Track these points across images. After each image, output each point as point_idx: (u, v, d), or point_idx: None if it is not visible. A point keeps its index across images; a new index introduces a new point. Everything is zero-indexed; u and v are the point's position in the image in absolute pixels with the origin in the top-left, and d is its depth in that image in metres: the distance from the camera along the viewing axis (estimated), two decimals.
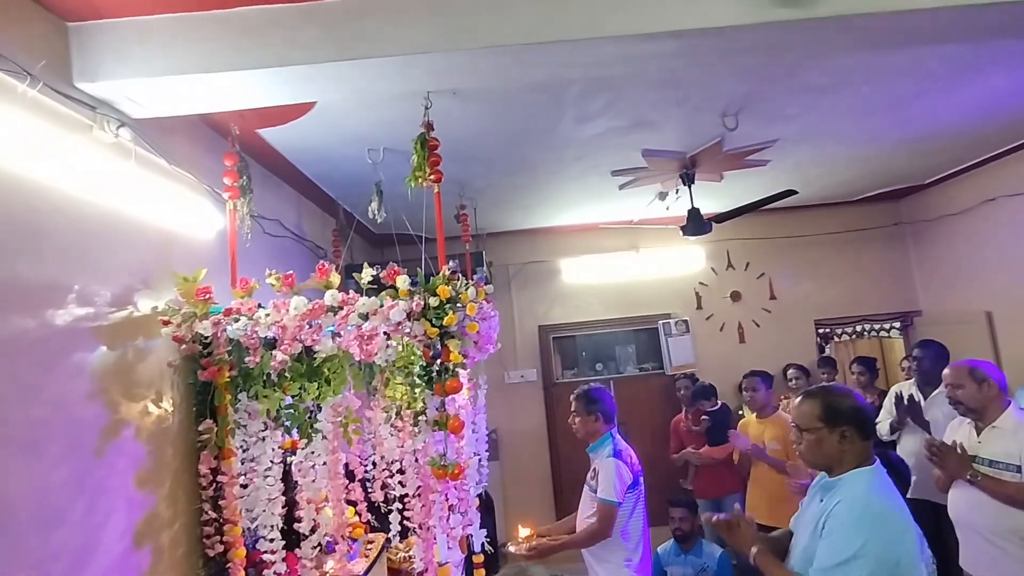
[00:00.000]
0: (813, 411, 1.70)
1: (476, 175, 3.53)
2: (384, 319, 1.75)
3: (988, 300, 4.53)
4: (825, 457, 1.69)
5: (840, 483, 1.64)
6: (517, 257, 5.45)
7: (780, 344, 5.26)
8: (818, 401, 1.71)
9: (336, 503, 2.00)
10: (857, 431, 1.65)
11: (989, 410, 2.46)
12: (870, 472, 1.64)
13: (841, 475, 1.66)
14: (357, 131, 2.67)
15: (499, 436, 5.16)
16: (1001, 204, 4.29)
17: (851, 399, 1.71)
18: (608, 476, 2.55)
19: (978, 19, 1.76)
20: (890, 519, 1.54)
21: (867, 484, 1.61)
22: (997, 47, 2.48)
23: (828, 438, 1.66)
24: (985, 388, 2.47)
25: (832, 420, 1.66)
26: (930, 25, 1.77)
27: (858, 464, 1.65)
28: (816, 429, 1.68)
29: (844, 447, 1.65)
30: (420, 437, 1.83)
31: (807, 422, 1.71)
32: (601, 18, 1.52)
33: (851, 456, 1.65)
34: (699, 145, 3.32)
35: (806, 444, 1.71)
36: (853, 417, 1.66)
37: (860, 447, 1.66)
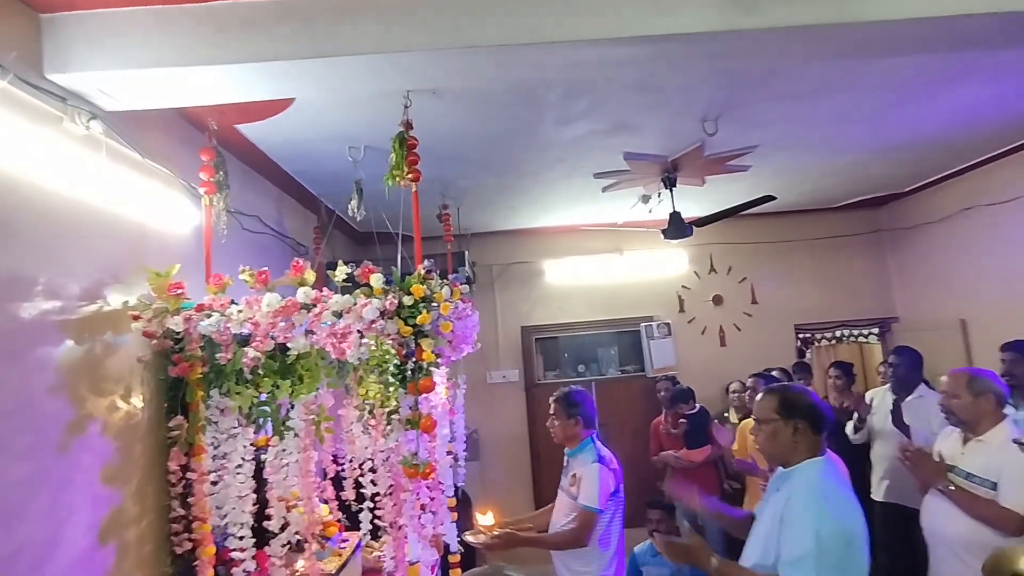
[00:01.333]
0: (770, 404, 1.85)
1: (459, 175, 3.53)
2: (357, 317, 1.75)
3: (963, 308, 4.60)
4: (780, 447, 1.83)
5: (795, 472, 1.79)
6: (501, 257, 5.46)
7: (761, 348, 5.31)
8: (775, 396, 1.87)
9: (307, 501, 1.99)
10: (809, 425, 1.79)
11: (981, 423, 2.36)
12: (820, 462, 1.78)
13: (795, 466, 1.79)
14: (338, 128, 2.66)
15: (479, 436, 5.16)
16: (978, 213, 4.37)
17: (806, 396, 1.86)
18: (592, 482, 2.49)
19: (952, 30, 1.79)
20: (839, 501, 1.69)
21: (818, 472, 1.75)
22: (973, 58, 2.52)
23: (783, 430, 1.81)
24: (983, 401, 2.36)
25: (787, 413, 1.81)
26: (904, 35, 1.80)
27: (810, 455, 1.79)
28: (772, 421, 1.83)
29: (797, 439, 1.79)
30: (392, 436, 1.83)
31: (765, 415, 1.85)
32: (576, 21, 1.53)
33: (803, 447, 1.79)
34: (680, 149, 3.35)
35: (763, 435, 1.86)
36: (806, 412, 1.80)
37: (811, 440, 1.79)
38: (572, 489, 2.59)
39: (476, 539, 2.52)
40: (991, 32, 1.83)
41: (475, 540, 2.52)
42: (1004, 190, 4.10)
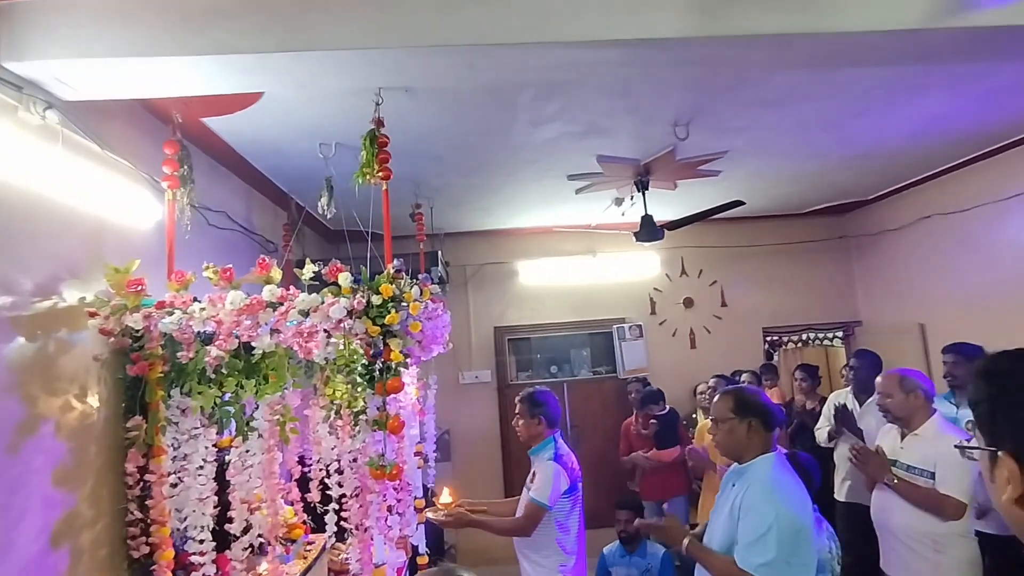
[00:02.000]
0: (727, 404, 1.97)
1: (432, 174, 3.51)
2: (325, 316, 1.73)
3: (922, 313, 4.76)
4: (736, 444, 1.94)
5: (749, 468, 1.90)
6: (474, 258, 5.45)
7: (730, 350, 5.40)
8: (731, 396, 1.99)
9: (271, 503, 1.95)
10: (762, 423, 1.91)
11: (914, 418, 2.56)
12: (772, 458, 1.90)
13: (750, 462, 1.91)
14: (308, 124, 2.62)
15: (451, 436, 5.14)
16: (936, 222, 4.52)
17: (759, 397, 1.99)
18: (545, 479, 2.55)
19: (911, 44, 1.84)
20: (792, 494, 1.81)
21: (771, 467, 1.87)
22: (931, 71, 2.61)
23: (738, 428, 1.93)
24: (912, 398, 2.56)
25: (742, 412, 1.93)
26: (866, 47, 1.85)
27: (762, 451, 1.91)
28: (728, 419, 1.94)
29: (751, 436, 1.91)
30: (359, 437, 1.81)
31: (722, 414, 1.97)
32: (548, 23, 1.53)
33: (757, 444, 1.91)
34: (653, 153, 3.39)
35: (721, 434, 1.97)
36: (759, 411, 1.93)
37: (764, 437, 1.92)
38: (530, 484, 2.66)
39: (435, 515, 2.64)
40: (947, 47, 1.89)
41: (433, 516, 2.64)
42: (960, 200, 4.25)
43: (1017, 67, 2.60)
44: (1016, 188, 3.80)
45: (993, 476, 0.73)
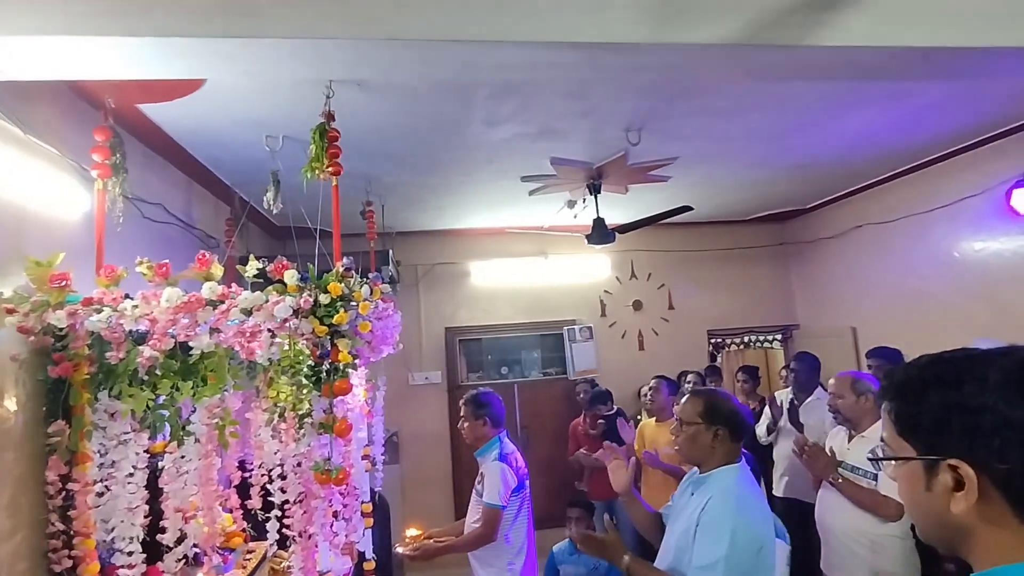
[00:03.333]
0: (695, 408, 1.85)
1: (384, 171, 3.45)
2: (269, 315, 1.66)
3: (853, 317, 5.01)
4: (698, 451, 1.83)
5: (710, 478, 1.79)
6: (426, 257, 5.39)
7: (676, 352, 5.54)
8: (702, 399, 1.87)
9: (208, 511, 1.86)
10: (730, 432, 1.80)
11: (863, 421, 2.61)
12: (736, 469, 1.79)
13: (711, 471, 1.80)
14: (254, 115, 2.52)
15: (400, 438, 5.05)
16: (867, 231, 4.77)
17: (731, 403, 1.87)
18: (493, 480, 2.55)
19: (850, 60, 1.93)
20: (754, 510, 1.71)
21: (734, 480, 1.76)
22: (867, 88, 2.75)
23: (704, 434, 1.81)
24: (863, 400, 2.61)
25: (710, 418, 1.81)
26: (809, 62, 1.93)
27: (726, 461, 1.80)
28: (695, 424, 1.83)
29: (716, 444, 1.80)
30: (304, 440, 1.74)
31: (688, 417, 1.85)
32: (505, 22, 1.52)
33: (721, 454, 1.80)
34: (605, 157, 3.43)
35: (684, 437, 1.85)
36: (729, 419, 1.81)
37: (730, 447, 1.81)
38: (479, 487, 2.66)
39: (403, 550, 2.64)
40: (883, 64, 2.00)
41: (402, 551, 2.63)
42: (890, 211, 4.50)
43: (944, 86, 2.77)
44: (939, 202, 4.06)
45: (930, 485, 0.71)
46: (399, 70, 1.74)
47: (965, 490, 0.68)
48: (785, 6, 1.73)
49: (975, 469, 0.67)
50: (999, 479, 0.66)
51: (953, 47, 1.84)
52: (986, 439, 0.67)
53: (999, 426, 0.66)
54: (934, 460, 0.70)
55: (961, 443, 0.69)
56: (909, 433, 0.74)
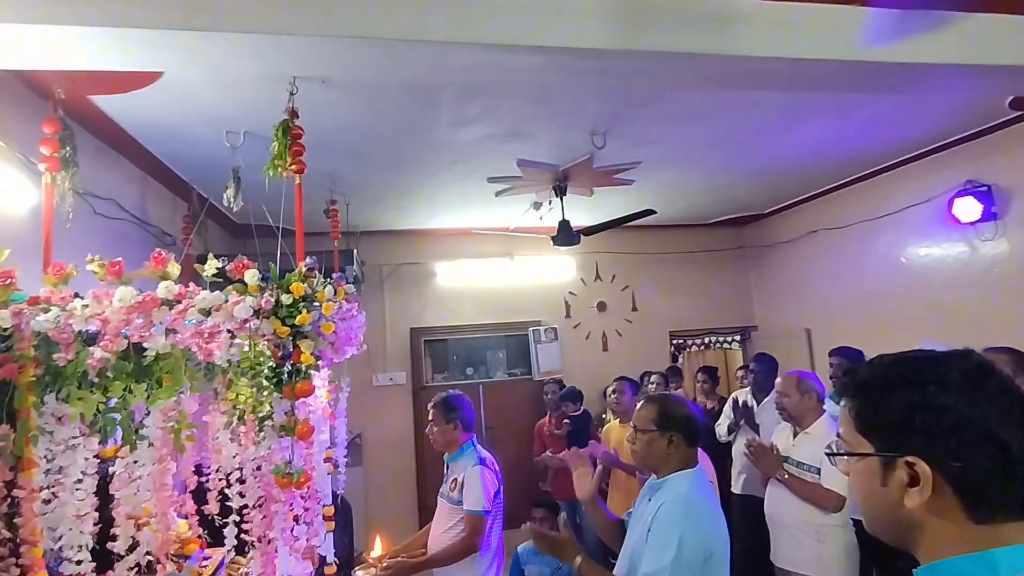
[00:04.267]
0: (649, 415, 1.84)
1: (349, 170, 3.40)
2: (228, 316, 1.62)
3: (808, 319, 5.19)
4: (653, 457, 1.82)
5: (666, 484, 1.78)
6: (391, 258, 5.34)
7: (639, 353, 5.62)
8: (656, 406, 1.85)
9: (162, 518, 1.80)
10: (684, 438, 1.80)
11: (807, 418, 2.76)
12: (691, 474, 1.78)
13: (667, 476, 1.79)
14: (214, 110, 2.46)
15: (363, 440, 5.00)
16: (821, 236, 4.95)
17: (685, 409, 1.86)
18: (475, 485, 2.47)
19: (805, 71, 2.01)
20: (705, 517, 1.69)
21: (688, 485, 1.74)
22: (822, 98, 2.85)
23: (658, 440, 1.80)
24: (807, 399, 2.76)
25: (664, 425, 1.80)
26: (767, 72, 2.00)
27: (682, 467, 1.79)
28: (649, 431, 1.82)
29: (671, 451, 1.79)
30: (264, 444, 1.71)
31: (643, 424, 1.84)
32: (472, 23, 1.53)
33: (676, 459, 1.79)
34: (571, 160, 3.47)
35: (639, 443, 1.84)
36: (683, 425, 1.80)
37: (685, 452, 1.80)
38: (453, 495, 2.56)
39: (366, 574, 2.41)
40: (836, 76, 2.08)
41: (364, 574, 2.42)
42: (842, 217, 4.68)
43: (891, 100, 2.90)
44: (887, 209, 4.24)
45: (885, 481, 0.73)
46: (364, 68, 1.72)
47: (920, 486, 0.70)
48: (744, 19, 1.79)
49: (931, 466, 0.70)
50: (953, 476, 0.69)
51: (898, 62, 1.93)
52: (945, 438, 0.70)
53: (958, 426, 0.70)
54: (892, 457, 0.73)
55: (920, 441, 0.71)
56: (869, 430, 0.76)
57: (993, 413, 0.69)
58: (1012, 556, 0.66)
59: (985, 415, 0.69)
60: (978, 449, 0.69)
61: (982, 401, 0.70)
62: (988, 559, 0.67)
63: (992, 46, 2.05)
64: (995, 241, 3.54)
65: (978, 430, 0.69)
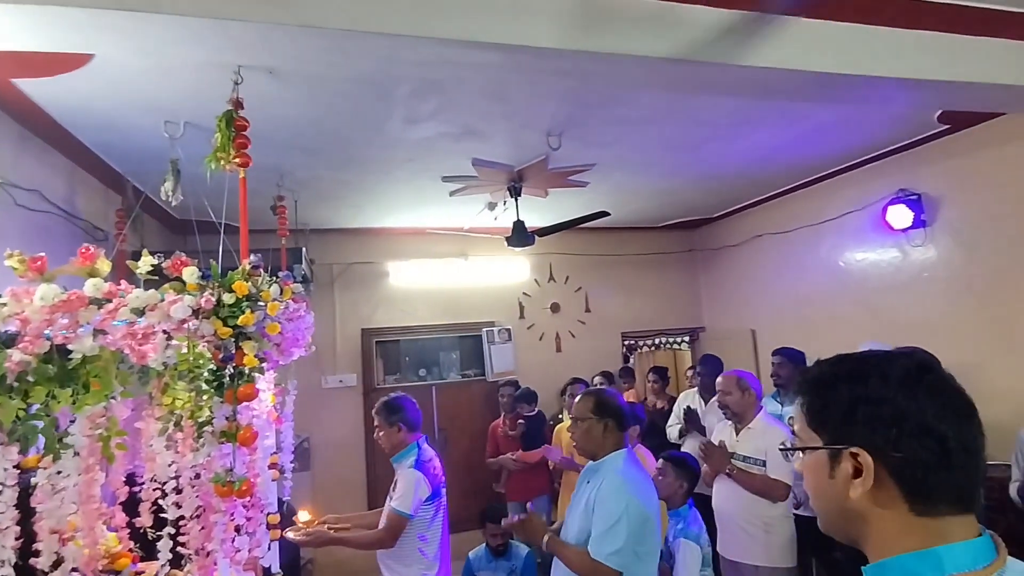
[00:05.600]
0: (587, 405, 2.11)
1: (298, 165, 3.29)
2: (164, 316, 1.52)
3: (753, 320, 5.37)
4: (593, 443, 2.08)
5: (602, 465, 2.04)
6: (342, 257, 5.21)
7: (592, 354, 5.68)
8: (592, 398, 2.13)
9: (89, 531, 1.68)
10: (616, 423, 2.07)
11: (747, 414, 2.90)
12: (623, 453, 2.05)
13: (603, 458, 2.04)
14: (151, 98, 2.32)
15: (311, 444, 4.85)
16: (766, 240, 5.12)
17: (616, 399, 2.14)
18: (406, 487, 2.49)
19: (753, 79, 2.06)
20: (640, 487, 1.96)
21: (623, 461, 2.01)
22: (767, 107, 2.94)
23: (596, 427, 2.07)
24: (747, 396, 2.91)
25: (600, 412, 2.07)
26: (716, 77, 2.04)
27: (615, 448, 2.05)
28: (588, 419, 2.08)
29: (607, 435, 2.06)
30: (203, 451, 1.62)
31: (582, 414, 2.10)
32: (427, 18, 1.49)
33: (611, 442, 2.06)
34: (526, 160, 3.46)
35: (580, 432, 2.10)
36: (615, 412, 2.08)
37: (617, 436, 2.07)
38: (393, 492, 2.59)
39: (295, 535, 2.55)
40: (782, 84, 2.15)
41: (293, 536, 2.55)
42: (786, 222, 4.86)
43: (834, 110, 3.02)
44: (827, 215, 4.43)
45: (833, 473, 0.76)
46: (313, 60, 1.66)
47: (863, 477, 0.73)
48: (698, 26, 1.82)
49: (873, 457, 0.73)
50: (893, 466, 0.72)
51: (839, 73, 2.01)
52: (885, 429, 0.73)
53: (897, 417, 0.73)
54: (838, 449, 0.76)
55: (863, 433, 0.74)
56: (818, 425, 0.80)
57: (931, 407, 0.72)
58: (957, 552, 0.69)
59: (923, 408, 0.72)
60: (917, 440, 0.71)
61: (921, 395, 0.73)
62: (934, 556, 0.69)
63: (924, 62, 2.16)
64: (924, 247, 3.74)
65: (917, 422, 0.72)
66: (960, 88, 2.26)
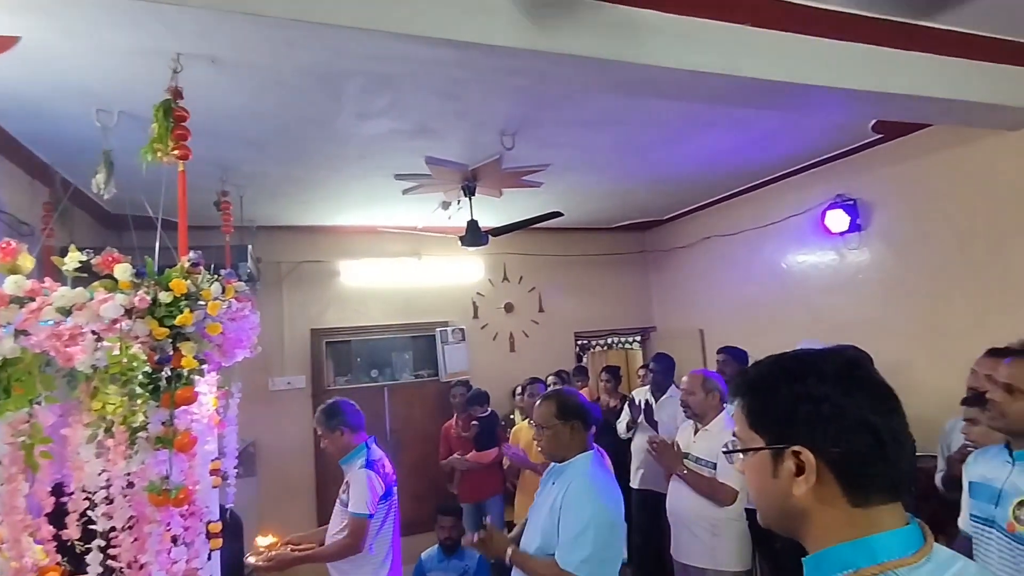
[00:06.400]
0: (549, 410, 2.02)
1: (243, 160, 3.17)
2: (94, 315, 1.44)
3: (701, 319, 5.52)
4: (561, 447, 2.01)
5: (568, 467, 1.97)
6: (291, 255, 5.06)
7: (545, 354, 5.71)
8: (553, 402, 2.04)
9: (13, 544, 1.57)
10: (582, 423, 2.01)
11: (708, 415, 2.88)
12: (590, 456, 2.00)
13: (569, 460, 1.98)
14: (82, 84, 2.19)
15: (257, 449, 4.70)
16: (714, 242, 5.27)
17: (576, 398, 2.08)
18: (360, 488, 2.46)
19: (703, 84, 2.12)
20: (608, 491, 1.91)
21: (589, 465, 1.96)
22: (716, 112, 3.02)
23: (562, 430, 1.99)
24: (710, 397, 2.88)
25: (563, 415, 2.00)
26: (666, 81, 2.08)
27: (581, 450, 2.00)
28: (553, 424, 2.00)
29: (573, 437, 1.99)
30: (137, 458, 1.54)
31: (546, 420, 2.02)
32: (376, 11, 1.46)
33: (577, 444, 2.00)
34: (480, 160, 3.45)
35: (546, 439, 2.02)
36: (579, 412, 2.01)
37: (583, 436, 2.02)
38: (343, 496, 2.56)
39: (256, 560, 2.48)
40: (729, 90, 2.21)
41: (255, 561, 2.47)
42: (733, 225, 5.02)
43: (777, 117, 3.14)
44: (771, 219, 4.59)
45: (776, 472, 0.77)
46: (258, 50, 1.60)
47: (805, 474, 0.75)
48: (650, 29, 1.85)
49: (814, 454, 0.75)
50: (833, 462, 0.74)
51: (781, 81, 2.08)
52: (824, 425, 0.75)
53: (836, 414, 0.75)
54: (780, 448, 0.77)
55: (804, 431, 0.76)
56: (759, 425, 0.81)
57: (864, 401, 0.75)
58: (888, 541, 0.72)
59: (858, 403, 0.75)
60: (854, 435, 0.74)
61: (855, 391, 0.76)
62: (867, 545, 0.72)
63: (859, 73, 2.26)
64: (859, 250, 3.93)
65: (853, 417, 0.74)
66: (891, 99, 2.39)
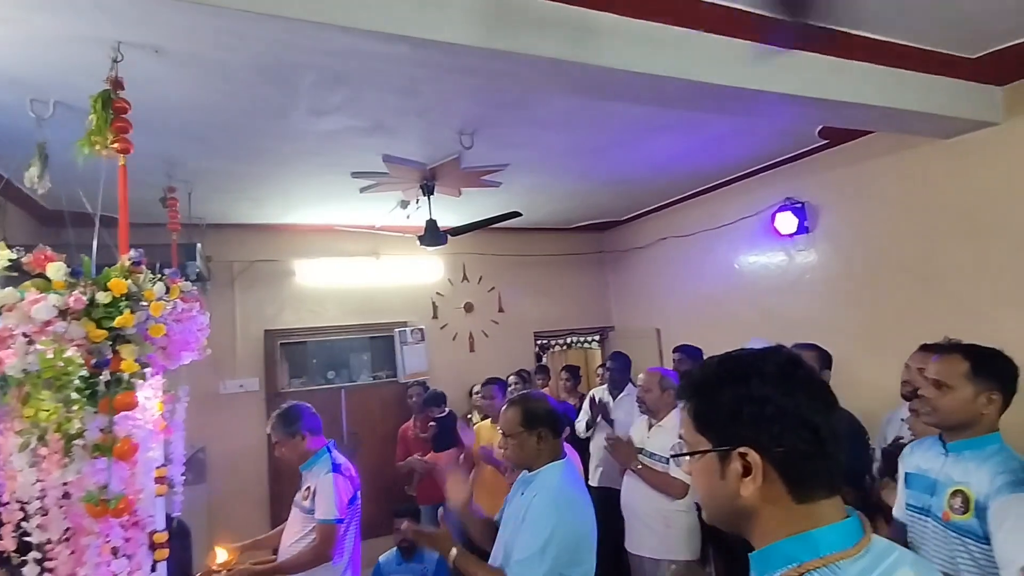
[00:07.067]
0: (515, 418, 1.89)
1: (191, 155, 3.06)
2: (24, 317, 1.36)
3: (658, 319, 5.62)
4: (527, 457, 1.88)
5: (538, 477, 1.85)
6: (243, 254, 4.91)
7: (505, 353, 5.71)
8: (518, 408, 1.91)
9: None
10: (550, 431, 1.88)
11: (662, 411, 2.96)
12: (561, 465, 1.87)
13: (539, 469, 1.86)
14: (14, 73, 2.07)
15: (207, 455, 4.53)
16: (670, 243, 5.38)
17: (545, 403, 1.94)
18: (327, 493, 2.40)
19: (658, 87, 2.15)
20: (575, 505, 1.79)
21: (559, 476, 1.83)
22: (671, 115, 3.08)
23: (528, 440, 1.87)
24: (666, 395, 2.95)
25: (530, 424, 1.87)
26: (622, 83, 2.11)
27: (552, 459, 1.87)
28: (518, 433, 1.88)
29: (541, 446, 1.87)
30: (73, 467, 1.46)
31: (511, 428, 1.89)
32: (328, 4, 1.43)
33: (547, 453, 1.88)
34: (439, 159, 3.42)
35: (511, 448, 1.90)
36: (547, 419, 1.89)
37: (553, 444, 1.89)
38: (306, 503, 2.49)
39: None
40: (683, 94, 2.26)
41: None
42: (687, 226, 5.13)
43: (731, 121, 3.22)
44: (724, 220, 4.72)
45: (723, 474, 0.78)
46: (204, 40, 1.54)
47: (753, 474, 0.76)
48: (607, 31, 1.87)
49: (760, 454, 0.76)
50: (778, 461, 0.76)
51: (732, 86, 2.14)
52: (768, 425, 0.76)
53: (779, 414, 0.76)
54: (727, 450, 0.78)
55: (749, 432, 0.77)
56: (706, 428, 0.82)
57: (804, 400, 0.77)
58: (829, 534, 0.74)
59: (799, 402, 0.77)
60: (796, 433, 0.76)
61: (795, 390, 0.77)
62: (810, 539, 0.74)
63: (806, 81, 2.35)
64: (807, 251, 4.08)
65: (794, 416, 0.76)
66: (834, 106, 2.48)
